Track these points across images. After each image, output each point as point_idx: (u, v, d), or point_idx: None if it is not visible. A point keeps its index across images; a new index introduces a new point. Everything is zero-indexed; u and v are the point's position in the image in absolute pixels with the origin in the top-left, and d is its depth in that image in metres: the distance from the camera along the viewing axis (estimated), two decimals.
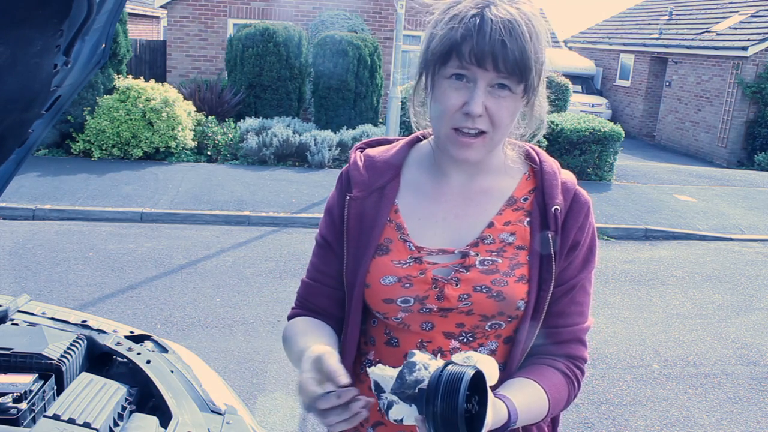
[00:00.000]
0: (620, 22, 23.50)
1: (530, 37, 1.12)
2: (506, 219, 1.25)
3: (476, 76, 1.13)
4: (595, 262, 1.28)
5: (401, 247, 1.23)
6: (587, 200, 1.27)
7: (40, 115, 1.60)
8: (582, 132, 10.40)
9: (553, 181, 1.25)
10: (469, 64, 1.12)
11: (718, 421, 4.00)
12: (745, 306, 5.99)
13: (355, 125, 11.21)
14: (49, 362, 1.68)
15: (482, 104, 1.13)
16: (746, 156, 16.07)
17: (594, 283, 1.31)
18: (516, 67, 1.11)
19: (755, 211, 9.81)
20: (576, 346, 1.27)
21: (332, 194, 1.34)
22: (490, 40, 1.09)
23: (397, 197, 1.28)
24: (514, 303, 1.20)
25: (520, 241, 1.23)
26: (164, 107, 9.49)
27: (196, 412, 1.67)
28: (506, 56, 1.10)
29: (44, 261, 5.87)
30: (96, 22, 1.42)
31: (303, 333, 1.27)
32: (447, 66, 1.14)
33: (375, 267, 1.23)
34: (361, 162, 1.31)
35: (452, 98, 1.14)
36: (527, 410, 1.15)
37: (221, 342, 4.55)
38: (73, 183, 8.26)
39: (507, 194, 1.27)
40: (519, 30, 1.10)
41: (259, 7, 13.65)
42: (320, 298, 1.33)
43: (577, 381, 1.27)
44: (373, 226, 1.25)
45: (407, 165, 1.31)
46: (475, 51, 1.10)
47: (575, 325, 1.26)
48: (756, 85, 15.57)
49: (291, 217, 7.68)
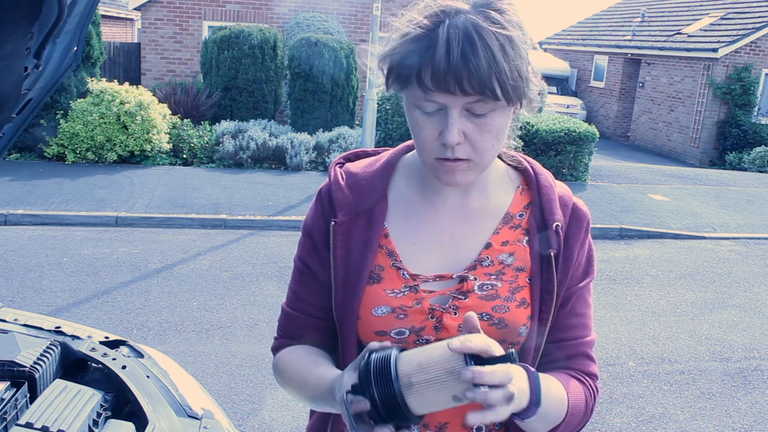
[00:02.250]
0: (594, 24, 23.77)
1: (501, 44, 0.97)
2: (504, 238, 1.15)
3: (445, 102, 0.99)
4: (594, 273, 1.21)
5: (394, 275, 1.13)
6: (586, 213, 1.19)
7: (10, 119, 1.58)
8: (557, 133, 10.49)
9: (551, 196, 1.17)
10: (432, 92, 0.98)
11: (693, 417, 4.06)
12: (717, 303, 6.08)
13: (331, 127, 11.20)
14: (21, 369, 1.66)
15: (458, 132, 1.00)
16: (718, 155, 16.34)
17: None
18: (486, 85, 0.96)
19: (727, 209, 9.98)
20: (583, 361, 1.19)
21: (311, 214, 1.22)
22: (449, 60, 0.95)
23: (386, 220, 1.16)
24: (516, 330, 1.11)
25: (519, 262, 1.14)
26: (139, 110, 9.40)
27: (173, 417, 1.66)
28: (471, 74, 0.95)
29: (17, 267, 5.78)
30: (67, 24, 1.40)
31: (313, 362, 1.17)
32: (410, 95, 1.03)
33: (366, 297, 1.12)
34: (342, 180, 1.18)
35: (426, 129, 1.03)
36: (548, 388, 1.04)
37: (198, 346, 4.52)
38: (47, 187, 8.15)
39: (502, 211, 1.17)
40: (484, 41, 0.95)
41: (234, 9, 13.58)
42: (304, 328, 1.23)
43: (592, 391, 1.17)
44: (363, 254, 1.13)
45: (394, 182, 1.19)
46: (436, 76, 0.96)
47: (579, 338, 1.18)
48: (726, 86, 15.85)
49: (268, 220, 7.65)
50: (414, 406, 0.91)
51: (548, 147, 10.62)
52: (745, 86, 15.77)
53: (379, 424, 0.92)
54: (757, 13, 16.72)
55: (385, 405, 0.91)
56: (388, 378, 0.91)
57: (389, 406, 0.91)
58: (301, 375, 1.17)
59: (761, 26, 15.81)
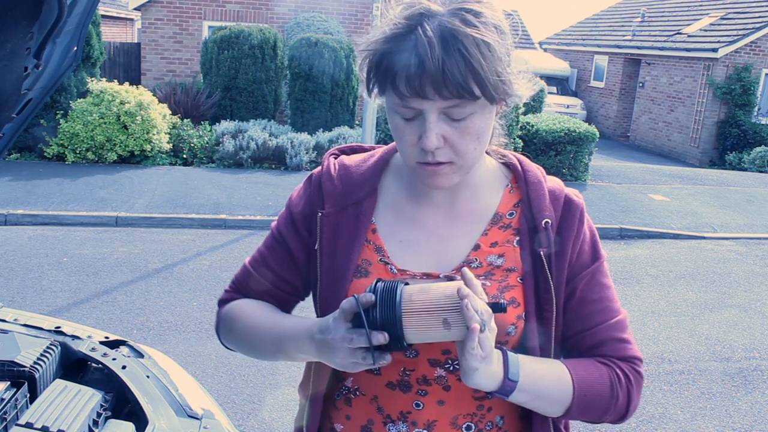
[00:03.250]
0: (594, 24, 23.77)
1: (477, 47, 0.96)
2: (493, 239, 1.15)
3: (422, 107, 0.99)
4: (603, 255, 1.17)
5: (382, 269, 1.13)
6: (579, 203, 1.16)
7: (10, 119, 1.58)
8: (557, 133, 10.50)
9: (539, 192, 1.15)
10: (409, 98, 0.98)
11: (693, 417, 4.06)
12: (717, 303, 6.08)
13: (331, 127, 11.20)
14: (21, 369, 1.66)
15: (437, 136, 1.00)
16: (718, 155, 16.35)
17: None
18: (463, 88, 0.96)
19: (727, 209, 9.98)
20: (612, 346, 1.14)
21: (297, 193, 1.24)
22: (423, 66, 0.94)
23: (375, 215, 1.17)
24: (504, 328, 1.09)
25: (509, 263, 1.13)
26: (139, 110, 9.40)
27: (173, 417, 1.65)
28: (447, 79, 0.95)
29: (17, 267, 5.78)
30: (67, 24, 1.40)
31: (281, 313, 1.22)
32: (389, 101, 1.04)
33: (353, 290, 1.11)
34: (335, 171, 1.20)
35: (406, 134, 1.04)
36: (537, 366, 1.07)
37: (198, 346, 4.51)
38: (47, 187, 8.15)
39: (491, 211, 1.17)
40: (459, 43, 0.95)
41: (234, 9, 13.58)
42: (261, 293, 1.26)
43: (624, 374, 1.13)
44: (350, 246, 1.14)
45: (385, 179, 1.21)
46: (411, 81, 0.96)
47: (599, 325, 1.14)
48: (726, 86, 15.85)
49: (268, 219, 7.64)
50: (409, 332, 0.98)
51: (548, 147, 10.62)
52: (745, 86, 15.77)
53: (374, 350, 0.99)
54: (757, 13, 16.72)
55: (384, 327, 0.97)
56: (393, 303, 0.97)
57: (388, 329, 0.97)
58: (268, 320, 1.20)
59: (761, 26, 15.81)
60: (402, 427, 1.15)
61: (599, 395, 1.11)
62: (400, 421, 1.15)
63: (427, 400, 1.14)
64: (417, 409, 1.14)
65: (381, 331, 0.97)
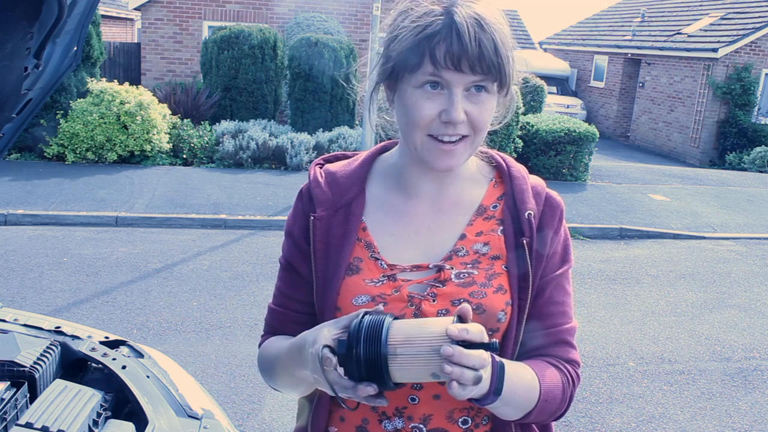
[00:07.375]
0: (594, 24, 23.77)
1: (500, 33, 1.07)
2: (478, 229, 1.20)
3: (452, 80, 1.06)
4: (572, 261, 1.24)
5: (372, 265, 1.17)
6: (560, 203, 1.23)
7: (10, 119, 1.58)
8: (557, 133, 10.49)
9: (522, 186, 1.22)
10: (444, 69, 1.05)
11: (693, 417, 4.06)
12: (717, 303, 6.08)
13: (331, 127, 11.20)
14: (21, 369, 1.66)
15: (462, 110, 1.08)
16: (718, 155, 16.35)
17: (572, 283, 1.27)
18: (492, 66, 1.06)
19: (727, 209, 9.98)
20: (563, 348, 1.21)
21: (291, 214, 1.27)
22: (465, 40, 1.04)
23: (364, 214, 1.22)
24: (495, 315, 1.14)
25: (494, 250, 1.18)
26: (139, 110, 9.40)
27: (173, 417, 1.65)
28: (482, 56, 1.05)
29: (17, 267, 5.78)
30: (67, 24, 1.40)
31: (287, 338, 1.22)
32: (417, 74, 1.08)
33: (346, 288, 1.16)
34: (322, 178, 1.24)
35: (426, 108, 1.09)
36: (516, 377, 1.08)
37: (198, 346, 4.51)
38: (47, 187, 8.15)
39: (476, 203, 1.23)
40: (490, 27, 1.06)
41: (234, 9, 13.58)
42: (289, 324, 1.26)
43: (571, 378, 1.20)
44: (342, 246, 1.18)
45: (371, 179, 1.26)
46: (451, 53, 1.04)
47: (558, 326, 1.20)
48: (726, 86, 15.85)
49: (268, 219, 7.65)
50: (394, 373, 0.96)
51: (548, 147, 10.62)
52: (745, 86, 15.77)
53: (360, 383, 0.97)
54: (757, 13, 16.72)
55: (368, 365, 0.96)
56: (378, 341, 0.96)
57: (371, 368, 0.96)
58: (277, 350, 1.22)
59: (761, 26, 15.81)
60: (398, 422, 1.16)
61: (555, 400, 1.16)
62: (395, 417, 1.16)
63: (422, 394, 1.15)
64: (412, 404, 1.15)
65: (366, 369, 0.97)
